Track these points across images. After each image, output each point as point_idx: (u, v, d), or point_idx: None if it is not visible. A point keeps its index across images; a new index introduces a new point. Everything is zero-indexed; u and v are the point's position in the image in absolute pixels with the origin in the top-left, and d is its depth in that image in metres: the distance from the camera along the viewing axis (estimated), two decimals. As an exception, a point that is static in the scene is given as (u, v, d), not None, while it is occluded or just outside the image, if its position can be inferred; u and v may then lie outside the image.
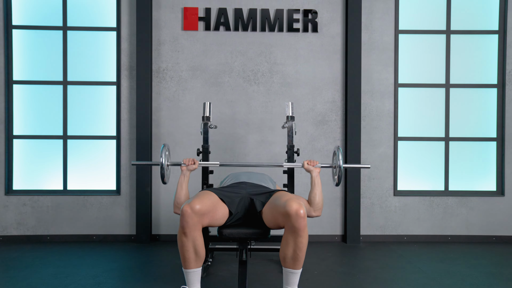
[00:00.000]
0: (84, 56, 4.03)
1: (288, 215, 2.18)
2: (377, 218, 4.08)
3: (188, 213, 2.18)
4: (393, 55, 4.06)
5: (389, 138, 4.08)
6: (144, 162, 2.86)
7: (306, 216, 2.22)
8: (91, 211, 4.00)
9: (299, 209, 2.16)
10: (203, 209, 2.22)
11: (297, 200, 2.25)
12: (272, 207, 2.34)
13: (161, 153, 2.61)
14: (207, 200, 2.30)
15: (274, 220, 2.32)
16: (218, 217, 2.35)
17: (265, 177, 2.86)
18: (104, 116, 4.06)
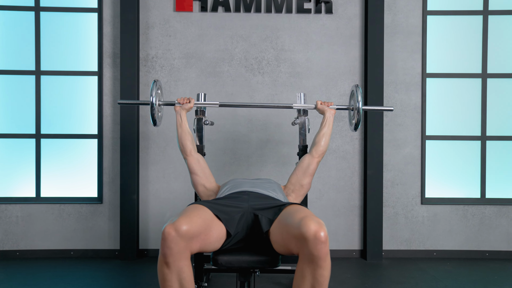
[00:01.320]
0: (60, 42, 3.53)
1: (304, 238, 1.66)
2: (401, 231, 3.55)
3: (171, 237, 1.66)
4: (420, 40, 3.54)
5: (416, 137, 3.55)
6: (132, 101, 2.69)
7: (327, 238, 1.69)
8: (69, 222, 3.49)
9: (318, 231, 1.64)
10: (192, 230, 1.70)
11: (316, 218, 1.73)
12: (283, 226, 1.81)
13: (151, 90, 2.39)
14: (198, 217, 1.77)
15: (285, 244, 1.79)
16: (212, 239, 1.82)
17: (273, 185, 2.33)
18: (83, 112, 3.55)
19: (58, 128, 3.55)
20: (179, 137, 2.40)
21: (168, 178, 3.52)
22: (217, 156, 3.50)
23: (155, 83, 2.43)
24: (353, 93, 2.52)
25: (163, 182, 3.52)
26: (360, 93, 2.42)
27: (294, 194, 2.37)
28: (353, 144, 3.57)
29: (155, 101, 2.39)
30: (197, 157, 2.39)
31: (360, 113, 2.41)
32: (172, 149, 3.51)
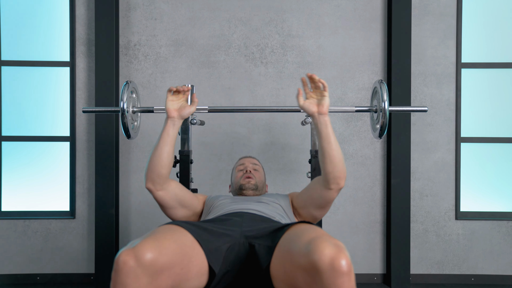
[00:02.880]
0: (26, 27, 3.01)
1: (316, 269, 1.16)
2: (432, 251, 3.02)
3: (127, 268, 1.18)
4: (454, 23, 3.00)
5: (449, 139, 3.02)
6: (99, 108, 2.14)
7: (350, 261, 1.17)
8: (35, 241, 2.97)
9: (337, 258, 1.15)
10: (162, 260, 1.22)
11: (333, 239, 1.23)
12: (285, 254, 1.30)
13: (122, 94, 1.90)
14: (171, 242, 1.28)
15: (289, 280, 1.27)
16: (190, 276, 1.31)
17: (278, 199, 1.82)
18: (53, 110, 3.04)
19: (23, 129, 3.03)
20: (156, 159, 1.64)
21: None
22: (211, 162, 2.98)
23: (127, 85, 1.96)
24: (376, 91, 2.04)
25: (147, 194, 2.99)
26: (386, 90, 1.92)
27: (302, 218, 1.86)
28: (374, 147, 3.04)
29: (127, 107, 1.92)
30: (174, 187, 1.70)
31: (387, 116, 1.91)
32: (159, 154, 2.99)
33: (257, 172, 1.99)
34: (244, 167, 2.00)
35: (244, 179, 1.91)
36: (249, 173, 1.94)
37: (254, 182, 1.91)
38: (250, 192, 1.90)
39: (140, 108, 2.12)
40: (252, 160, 2.05)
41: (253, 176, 1.94)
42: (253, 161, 2.04)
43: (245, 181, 1.90)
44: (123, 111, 1.95)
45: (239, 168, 2.00)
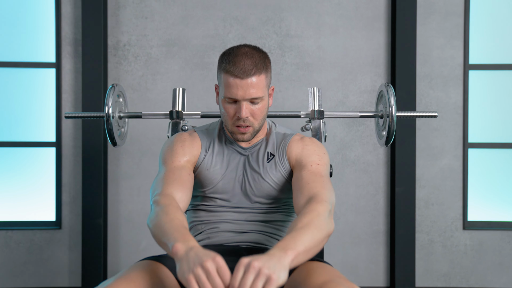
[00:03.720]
0: (7, 25, 2.86)
1: None
2: (439, 263, 2.88)
3: None
4: (462, 22, 2.87)
5: (456, 145, 2.89)
6: (83, 113, 2.02)
7: None
8: (17, 253, 2.82)
9: None
10: None
11: (346, 282, 1.10)
12: None
13: (107, 99, 1.80)
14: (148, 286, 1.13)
15: None
16: None
17: (277, 221, 1.50)
18: (38, 114, 2.90)
19: (5, 134, 2.89)
20: (157, 228, 1.19)
21: (144, 196, 2.85)
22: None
23: (112, 88, 1.83)
24: (382, 95, 1.92)
25: (137, 202, 2.85)
26: (393, 94, 1.80)
27: None
28: (377, 153, 2.90)
29: (113, 112, 1.79)
30: (185, 202, 1.36)
31: (394, 122, 1.79)
32: (150, 160, 2.85)
33: (256, 113, 1.39)
34: (235, 109, 1.37)
35: (237, 130, 1.40)
36: (243, 122, 1.38)
37: (250, 135, 1.42)
38: (244, 143, 1.48)
39: (127, 114, 1.99)
40: (249, 89, 1.34)
41: (249, 123, 1.39)
42: (250, 92, 1.35)
43: (239, 135, 1.41)
44: (107, 116, 1.81)
45: (228, 109, 1.38)
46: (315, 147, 1.46)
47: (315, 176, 1.35)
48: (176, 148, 1.44)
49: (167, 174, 1.36)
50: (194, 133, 1.51)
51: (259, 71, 1.36)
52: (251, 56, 1.36)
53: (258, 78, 1.36)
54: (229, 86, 1.35)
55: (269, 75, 1.43)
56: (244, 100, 1.36)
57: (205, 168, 1.45)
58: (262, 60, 1.38)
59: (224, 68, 1.36)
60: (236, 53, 1.36)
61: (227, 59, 1.37)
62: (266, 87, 1.41)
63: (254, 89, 1.35)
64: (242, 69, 1.33)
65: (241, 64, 1.34)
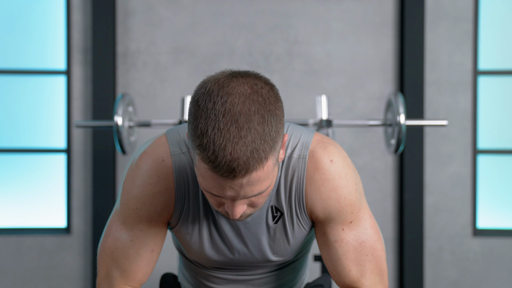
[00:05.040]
0: (19, 33, 2.93)
1: None
2: (448, 270, 2.90)
3: None
4: (471, 28, 2.88)
5: (465, 151, 2.90)
6: (93, 122, 2.17)
7: None
8: (29, 258, 2.89)
9: None
10: None
11: None
12: None
13: (117, 108, 1.83)
14: None
15: None
16: None
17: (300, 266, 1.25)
18: (48, 120, 2.96)
19: (16, 140, 2.95)
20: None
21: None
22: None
23: (122, 98, 1.88)
24: (390, 103, 1.95)
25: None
26: (402, 103, 1.84)
27: None
28: (385, 160, 2.92)
29: (122, 122, 1.85)
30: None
31: (403, 131, 1.83)
32: (158, 167, 2.90)
33: (257, 204, 0.91)
34: (220, 202, 0.89)
35: (227, 216, 0.94)
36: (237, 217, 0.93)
37: (248, 217, 0.96)
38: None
39: (137, 122, 2.05)
40: (245, 188, 0.82)
41: (246, 215, 0.94)
42: (246, 191, 0.83)
43: (230, 218, 0.93)
44: (118, 126, 1.87)
45: (208, 197, 0.91)
46: (343, 188, 1.03)
47: (352, 247, 1.03)
48: (134, 207, 1.04)
49: (120, 251, 1.06)
50: (168, 168, 1.02)
51: (261, 160, 0.79)
52: (247, 129, 0.78)
53: (261, 171, 0.81)
54: (209, 182, 0.83)
55: (280, 140, 0.85)
56: (239, 199, 0.86)
57: (183, 234, 1.08)
58: (267, 133, 0.80)
59: (198, 149, 0.80)
60: (219, 120, 0.78)
61: (203, 130, 0.79)
62: (274, 171, 0.87)
63: (254, 187, 0.83)
64: (229, 164, 0.77)
65: (227, 152, 0.77)
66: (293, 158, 1.01)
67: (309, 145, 1.02)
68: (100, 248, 1.10)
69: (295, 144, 1.03)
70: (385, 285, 1.06)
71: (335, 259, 1.04)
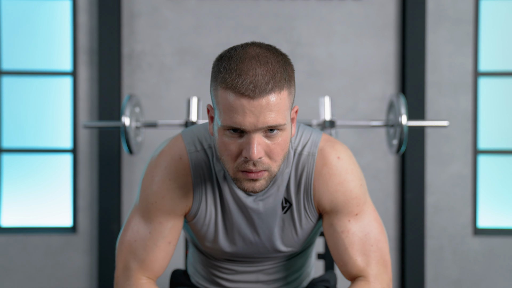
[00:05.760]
0: (26, 35, 2.98)
1: None
2: (449, 268, 2.94)
3: None
4: (471, 30, 2.93)
5: (466, 152, 2.95)
6: (101, 123, 2.22)
7: None
8: (35, 256, 2.93)
9: None
10: None
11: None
12: None
13: (124, 109, 1.87)
14: None
15: None
16: None
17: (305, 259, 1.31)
18: (54, 121, 3.01)
19: (23, 141, 3.00)
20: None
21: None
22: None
23: (130, 99, 1.93)
24: (392, 104, 2.00)
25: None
26: (404, 104, 1.89)
27: None
28: (387, 160, 2.97)
29: (130, 123, 1.89)
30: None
31: (405, 132, 1.88)
32: (163, 167, 2.94)
33: (274, 152, 0.95)
34: (239, 146, 0.93)
35: (245, 177, 0.96)
36: (254, 165, 0.94)
37: (265, 183, 0.97)
38: (254, 197, 1.10)
39: (143, 123, 2.09)
40: (264, 114, 0.90)
41: (264, 167, 0.95)
42: (266, 118, 0.91)
43: (247, 184, 0.96)
44: (125, 127, 1.92)
45: (228, 145, 0.94)
46: (349, 183, 1.11)
47: (357, 238, 1.09)
48: (154, 201, 1.11)
49: (138, 243, 1.13)
50: (185, 165, 1.09)
51: (279, 84, 0.91)
52: (265, 61, 0.91)
53: (279, 97, 0.91)
54: (231, 109, 0.90)
55: (293, 90, 0.97)
56: (256, 131, 0.90)
57: (199, 227, 1.15)
58: (282, 67, 0.93)
59: (222, 81, 0.92)
60: (241, 57, 0.92)
61: (227, 66, 0.92)
62: (288, 110, 0.96)
63: (272, 114, 0.90)
64: (252, 82, 0.88)
65: (250, 74, 0.89)
66: (303, 155, 1.11)
67: (318, 143, 1.12)
68: (119, 242, 1.17)
69: (305, 142, 1.13)
70: (389, 275, 1.11)
71: (342, 249, 1.10)
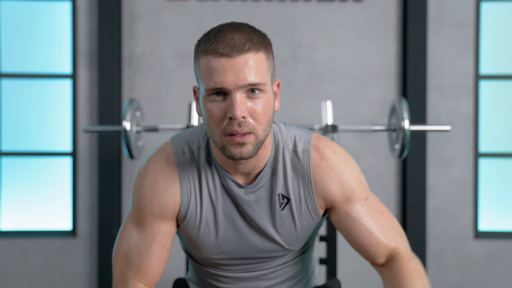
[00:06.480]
0: (25, 37, 2.96)
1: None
2: (450, 271, 2.95)
3: None
4: (472, 32, 2.94)
5: (467, 155, 2.96)
6: (101, 127, 2.22)
7: None
8: (34, 261, 2.92)
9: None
10: None
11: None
12: None
13: (125, 113, 1.87)
14: None
15: None
16: None
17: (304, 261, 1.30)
18: (54, 124, 3.00)
19: (23, 144, 2.98)
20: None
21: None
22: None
23: (130, 103, 1.93)
24: (394, 108, 2.01)
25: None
26: (406, 108, 1.90)
27: None
28: (388, 163, 2.97)
29: (130, 127, 1.89)
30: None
31: (407, 136, 1.88)
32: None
33: (257, 113, 0.98)
34: (223, 109, 0.97)
35: (231, 141, 0.97)
36: (239, 126, 0.96)
37: (252, 147, 0.98)
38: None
39: (144, 127, 2.09)
40: (242, 71, 0.95)
41: (249, 128, 0.96)
42: (245, 75, 0.95)
43: (234, 149, 0.97)
44: (126, 132, 1.91)
45: (213, 110, 0.98)
46: (351, 170, 1.14)
47: (376, 219, 1.13)
48: (143, 205, 1.12)
49: (132, 250, 1.13)
50: (172, 167, 1.11)
51: (256, 46, 0.97)
52: (242, 29, 0.99)
53: (256, 56, 0.96)
54: (212, 71, 0.95)
55: (272, 60, 1.02)
56: (237, 88, 0.94)
57: (190, 229, 1.14)
58: (259, 35, 1.00)
59: (202, 50, 0.98)
60: (219, 29, 1.00)
61: (206, 38, 1.00)
62: (268, 73, 0.99)
63: (251, 72, 0.94)
64: (229, 44, 0.95)
65: (227, 38, 0.96)
66: (298, 151, 1.12)
67: (310, 140, 1.13)
68: (114, 252, 1.18)
69: (299, 140, 1.14)
70: (408, 244, 1.19)
71: (366, 234, 1.12)
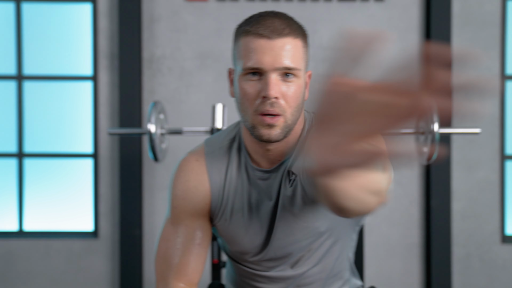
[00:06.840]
0: (48, 40, 3.00)
1: None
2: (476, 277, 2.88)
3: None
4: (498, 32, 2.87)
5: (493, 157, 2.89)
6: (126, 130, 2.29)
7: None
8: (57, 261, 2.95)
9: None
10: None
11: None
12: None
13: (150, 115, 1.90)
14: None
15: None
16: None
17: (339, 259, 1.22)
18: (76, 125, 3.03)
19: (45, 145, 3.02)
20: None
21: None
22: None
23: (155, 106, 1.94)
24: None
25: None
26: (435, 111, 1.82)
27: None
28: (408, 172, 2.92)
29: (155, 130, 1.90)
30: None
31: (437, 139, 1.83)
32: (184, 172, 2.94)
33: (289, 97, 1.00)
34: (258, 88, 1.00)
35: (262, 121, 1.00)
36: (271, 106, 0.99)
37: (280, 130, 1.01)
38: (273, 145, 1.06)
39: (168, 130, 2.09)
40: (280, 54, 0.99)
41: (280, 110, 0.99)
42: (282, 58, 0.99)
43: (264, 129, 1.00)
44: (151, 134, 1.92)
45: (248, 88, 1.02)
46: None
47: None
48: (177, 204, 1.17)
49: (170, 250, 1.16)
50: (201, 166, 1.18)
51: (295, 32, 1.01)
52: (283, 16, 1.04)
53: (294, 42, 1.00)
54: (251, 51, 0.99)
55: (307, 50, 1.06)
56: (273, 70, 0.97)
57: (222, 223, 1.18)
58: (297, 24, 1.05)
59: (243, 31, 1.04)
60: (261, 14, 1.05)
61: (247, 21, 1.06)
62: (303, 60, 1.03)
63: (288, 54, 0.98)
64: (270, 27, 1.00)
65: (268, 21, 1.01)
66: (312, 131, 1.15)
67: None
68: (156, 256, 1.21)
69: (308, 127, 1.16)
70: None
71: None
